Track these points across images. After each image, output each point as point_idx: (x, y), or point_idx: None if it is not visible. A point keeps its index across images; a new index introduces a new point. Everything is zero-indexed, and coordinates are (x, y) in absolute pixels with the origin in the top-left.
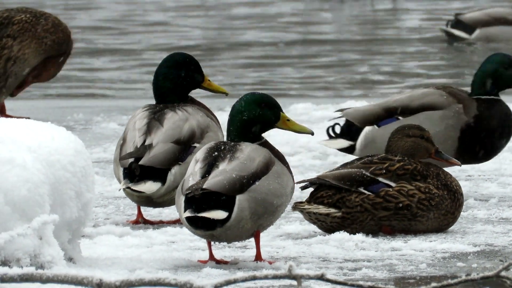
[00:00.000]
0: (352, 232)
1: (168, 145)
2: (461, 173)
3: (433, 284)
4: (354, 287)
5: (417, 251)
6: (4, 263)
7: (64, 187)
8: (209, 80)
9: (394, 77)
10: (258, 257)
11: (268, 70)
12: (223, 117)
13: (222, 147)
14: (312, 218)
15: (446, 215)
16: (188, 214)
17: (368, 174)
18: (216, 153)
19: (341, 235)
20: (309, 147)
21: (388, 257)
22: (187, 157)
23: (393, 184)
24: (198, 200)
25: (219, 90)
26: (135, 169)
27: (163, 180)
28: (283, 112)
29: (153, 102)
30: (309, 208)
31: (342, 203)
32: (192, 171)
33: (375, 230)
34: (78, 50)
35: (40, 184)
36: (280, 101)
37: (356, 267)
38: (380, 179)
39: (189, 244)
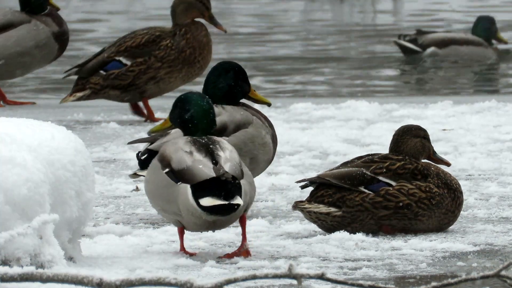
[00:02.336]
0: (353, 231)
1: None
2: (461, 172)
3: (433, 284)
4: (354, 287)
5: (417, 250)
6: (5, 262)
7: (65, 186)
8: (254, 90)
9: (396, 76)
10: (243, 241)
11: (267, 70)
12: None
13: (202, 141)
14: (313, 217)
15: (446, 213)
16: (221, 201)
17: (369, 173)
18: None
19: (341, 235)
20: (309, 147)
21: (388, 256)
22: None
23: (393, 183)
24: (226, 186)
25: (263, 101)
26: (140, 154)
27: None
28: None
29: None
30: (310, 207)
31: (343, 202)
32: (194, 159)
33: (375, 229)
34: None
35: (40, 183)
36: (280, 100)
37: (356, 267)
38: (381, 178)
39: (189, 243)
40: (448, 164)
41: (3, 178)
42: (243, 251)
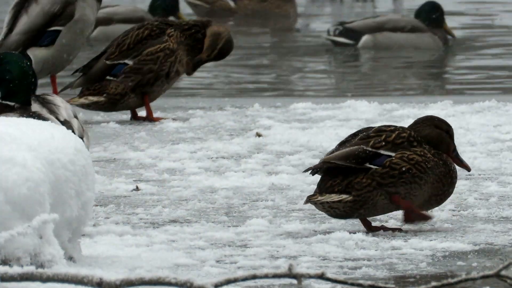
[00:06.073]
0: (366, 214)
1: None
2: (461, 172)
3: (433, 283)
4: (354, 286)
5: (417, 250)
6: (4, 262)
7: (64, 186)
8: None
9: (396, 75)
10: None
11: (268, 70)
12: (225, 117)
13: None
14: (326, 207)
15: (439, 183)
16: None
17: (370, 149)
18: None
19: (341, 234)
20: (309, 146)
21: (388, 256)
22: None
23: (393, 154)
24: None
25: None
26: None
27: None
28: None
29: None
30: (322, 199)
31: (351, 187)
32: None
33: (386, 205)
34: None
35: (40, 183)
36: (280, 100)
37: (356, 266)
38: (382, 151)
39: (189, 243)
40: (468, 169)
41: (3, 177)
42: None
